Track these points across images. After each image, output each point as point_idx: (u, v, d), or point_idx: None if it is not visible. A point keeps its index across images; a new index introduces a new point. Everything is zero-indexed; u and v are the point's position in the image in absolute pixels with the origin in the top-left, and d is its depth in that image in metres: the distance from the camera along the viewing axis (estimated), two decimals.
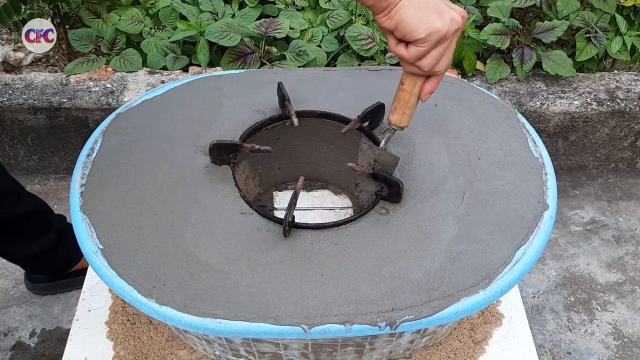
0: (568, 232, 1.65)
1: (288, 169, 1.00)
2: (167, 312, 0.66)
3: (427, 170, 0.82)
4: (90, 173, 0.80)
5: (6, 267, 1.51)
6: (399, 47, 0.69)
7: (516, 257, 0.72)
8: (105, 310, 0.94)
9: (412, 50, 0.68)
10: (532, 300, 1.48)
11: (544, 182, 0.80)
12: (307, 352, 0.79)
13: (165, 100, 0.91)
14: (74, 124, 1.58)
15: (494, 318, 0.93)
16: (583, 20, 1.71)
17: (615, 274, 1.55)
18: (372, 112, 0.85)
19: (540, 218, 0.76)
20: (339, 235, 0.74)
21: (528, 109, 1.62)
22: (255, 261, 0.71)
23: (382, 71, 0.98)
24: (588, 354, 1.38)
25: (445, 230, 0.75)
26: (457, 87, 0.95)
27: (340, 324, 0.66)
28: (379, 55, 1.66)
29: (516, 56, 1.65)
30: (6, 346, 1.36)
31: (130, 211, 0.76)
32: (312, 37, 1.72)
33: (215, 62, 1.71)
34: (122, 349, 0.88)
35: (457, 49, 1.67)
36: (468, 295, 0.68)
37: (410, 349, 0.86)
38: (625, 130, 1.71)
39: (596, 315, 1.45)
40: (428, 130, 0.88)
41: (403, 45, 0.69)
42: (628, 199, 1.75)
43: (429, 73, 0.71)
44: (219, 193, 0.79)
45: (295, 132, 0.92)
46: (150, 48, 1.69)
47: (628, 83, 1.71)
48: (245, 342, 0.76)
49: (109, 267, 0.70)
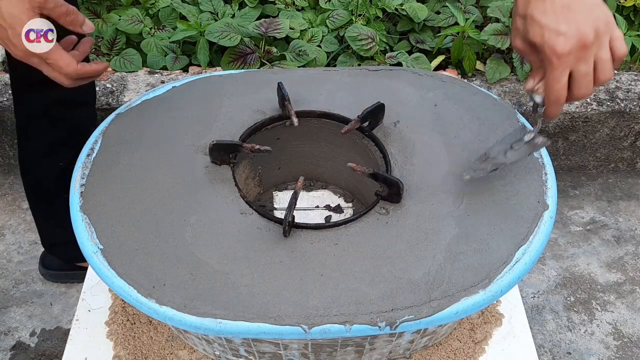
0: (568, 232, 1.65)
1: (288, 169, 1.00)
2: (167, 312, 0.66)
3: (427, 170, 0.82)
4: (90, 173, 0.80)
5: (6, 267, 1.51)
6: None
7: (516, 257, 0.72)
8: (105, 310, 0.94)
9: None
10: (532, 300, 1.48)
11: (544, 182, 0.80)
12: (307, 352, 0.79)
13: (165, 100, 0.91)
14: None
15: (494, 318, 0.93)
16: None
17: (615, 274, 1.55)
18: (372, 112, 0.85)
19: (540, 218, 0.76)
20: (339, 235, 0.74)
21: (528, 109, 1.62)
22: (255, 261, 0.71)
23: (382, 71, 0.98)
24: (588, 354, 1.38)
25: (445, 230, 0.75)
26: (457, 87, 0.95)
27: (340, 324, 0.66)
28: (379, 55, 1.66)
29: (516, 56, 1.65)
30: (6, 346, 1.36)
31: (130, 211, 0.76)
32: (312, 37, 1.72)
33: (215, 62, 1.71)
34: (122, 349, 0.88)
35: (457, 49, 1.67)
36: (468, 295, 0.68)
37: (410, 349, 0.86)
38: (625, 130, 1.71)
39: (596, 315, 1.46)
40: (428, 130, 0.88)
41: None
42: (628, 199, 1.75)
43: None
44: (219, 193, 0.79)
45: (295, 132, 0.92)
46: (150, 48, 1.69)
47: (628, 83, 1.71)
48: (245, 342, 0.76)
49: (109, 267, 0.70)
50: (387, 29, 1.80)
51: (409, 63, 1.65)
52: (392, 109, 0.89)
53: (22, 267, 1.51)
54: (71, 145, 1.22)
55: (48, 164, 1.24)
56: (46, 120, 1.17)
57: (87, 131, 1.25)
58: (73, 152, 1.21)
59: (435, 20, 1.78)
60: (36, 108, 1.16)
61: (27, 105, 1.16)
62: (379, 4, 1.76)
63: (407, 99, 0.92)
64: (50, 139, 1.21)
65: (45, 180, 1.27)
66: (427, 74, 0.97)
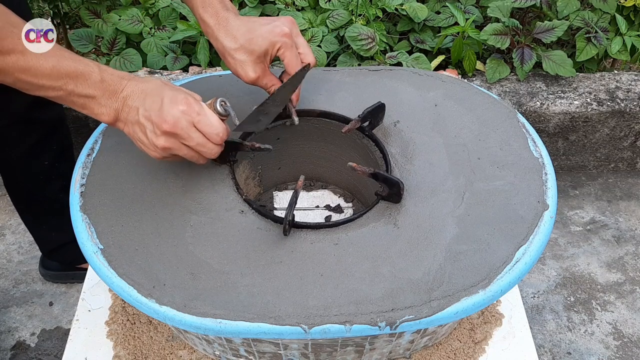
0: (568, 232, 1.65)
1: (288, 169, 1.00)
2: (167, 312, 0.66)
3: (427, 170, 0.82)
4: (90, 173, 0.80)
5: (6, 267, 1.51)
6: None
7: (516, 257, 0.72)
8: (105, 310, 0.94)
9: None
10: (532, 300, 1.48)
11: (544, 182, 0.80)
12: (307, 352, 0.79)
13: None
14: (73, 124, 1.58)
15: (494, 318, 0.93)
16: (583, 20, 1.71)
17: (615, 274, 1.55)
18: (373, 112, 0.85)
19: (540, 218, 0.76)
20: (339, 235, 0.74)
21: (528, 109, 1.62)
22: (255, 261, 0.71)
23: (382, 71, 0.98)
24: (588, 354, 1.38)
25: (445, 230, 0.75)
26: (457, 87, 0.95)
27: (340, 324, 0.66)
28: (379, 55, 1.66)
29: (516, 56, 1.65)
30: (6, 346, 1.36)
31: (130, 211, 0.76)
32: (312, 37, 1.72)
33: (215, 62, 1.71)
34: (122, 349, 0.88)
35: (457, 49, 1.67)
36: (468, 295, 0.68)
37: (410, 349, 0.86)
38: (625, 130, 1.71)
39: (596, 315, 1.45)
40: (428, 130, 0.88)
41: None
42: (628, 199, 1.75)
43: None
44: (219, 193, 0.79)
45: (295, 132, 0.92)
46: (150, 48, 1.69)
47: (628, 83, 1.71)
48: (245, 342, 0.76)
49: (109, 267, 0.70)
50: (387, 29, 1.80)
51: (409, 63, 1.65)
52: (392, 109, 0.89)
53: (22, 267, 1.51)
54: (53, 142, 1.21)
55: (33, 167, 1.22)
56: (22, 124, 1.14)
57: (63, 124, 1.24)
58: (55, 147, 1.21)
59: (435, 20, 1.78)
60: (12, 115, 1.12)
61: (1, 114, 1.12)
62: (379, 4, 1.76)
63: (407, 99, 0.92)
64: (31, 141, 1.17)
65: (32, 184, 1.25)
66: (427, 74, 0.97)
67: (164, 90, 0.70)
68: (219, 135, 0.71)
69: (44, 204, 1.29)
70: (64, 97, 0.69)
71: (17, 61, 0.66)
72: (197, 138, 0.70)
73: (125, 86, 0.70)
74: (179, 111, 0.68)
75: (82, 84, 0.68)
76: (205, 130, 0.70)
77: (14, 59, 0.65)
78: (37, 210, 1.31)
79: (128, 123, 0.71)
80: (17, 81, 0.67)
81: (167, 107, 0.68)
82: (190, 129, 0.69)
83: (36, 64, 0.66)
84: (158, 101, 0.69)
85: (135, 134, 0.71)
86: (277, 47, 0.79)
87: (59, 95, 0.69)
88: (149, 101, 0.69)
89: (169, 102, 0.68)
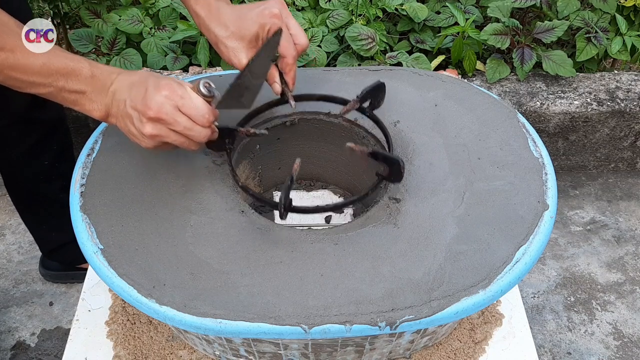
0: (568, 232, 1.65)
1: (288, 169, 1.00)
2: (167, 312, 0.66)
3: (427, 170, 0.82)
4: (90, 173, 0.80)
5: (6, 267, 1.51)
6: None
7: (516, 257, 0.72)
8: (105, 310, 0.93)
9: None
10: (532, 300, 1.48)
11: (544, 182, 0.80)
12: (307, 352, 0.79)
13: None
14: (73, 124, 1.58)
15: (494, 318, 0.93)
16: (583, 20, 1.71)
17: (615, 274, 1.55)
18: (372, 92, 0.82)
19: (540, 218, 0.76)
20: (339, 235, 0.74)
21: (528, 109, 1.63)
22: (255, 261, 0.71)
23: (382, 71, 0.98)
24: (588, 354, 1.38)
25: (445, 230, 0.75)
26: (457, 87, 0.95)
27: (340, 324, 0.66)
28: (379, 55, 1.66)
29: (516, 56, 1.65)
30: (6, 346, 1.36)
31: (130, 211, 0.76)
32: (312, 37, 1.72)
33: (215, 62, 1.71)
34: (122, 349, 0.88)
35: (457, 49, 1.67)
36: (468, 295, 0.68)
37: (410, 349, 0.86)
38: (625, 130, 1.71)
39: (596, 315, 1.46)
40: (428, 130, 0.88)
41: None
42: (628, 199, 1.75)
43: None
44: (219, 193, 0.79)
45: (295, 132, 0.92)
46: (151, 48, 1.69)
47: (628, 83, 1.71)
48: (245, 342, 0.76)
49: (109, 267, 0.70)
50: (387, 29, 1.80)
51: (409, 63, 1.65)
52: (392, 109, 0.89)
53: (22, 267, 1.51)
54: (53, 142, 1.20)
55: (33, 167, 1.22)
56: (22, 124, 1.14)
57: (63, 124, 1.23)
58: (55, 147, 1.21)
59: (436, 20, 1.78)
60: (12, 115, 1.12)
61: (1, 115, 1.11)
62: (379, 4, 1.76)
63: (407, 99, 0.92)
64: (31, 141, 1.17)
65: (32, 184, 1.25)
66: (427, 74, 0.97)
67: (148, 80, 0.70)
68: (205, 117, 0.70)
69: (44, 204, 1.29)
70: (54, 94, 0.69)
71: (7, 59, 0.66)
72: (184, 122, 0.70)
73: (114, 80, 0.70)
74: (162, 96, 0.68)
75: (72, 80, 0.68)
76: (191, 113, 0.69)
77: (4, 57, 0.66)
78: (37, 210, 1.31)
79: (118, 117, 0.71)
80: (7, 78, 0.67)
81: (150, 94, 0.68)
82: (175, 113, 0.69)
83: (26, 61, 0.66)
84: (142, 90, 0.68)
85: (126, 126, 0.71)
86: (267, 28, 0.78)
87: (50, 91, 0.69)
88: (134, 92, 0.69)
89: (152, 89, 0.68)
